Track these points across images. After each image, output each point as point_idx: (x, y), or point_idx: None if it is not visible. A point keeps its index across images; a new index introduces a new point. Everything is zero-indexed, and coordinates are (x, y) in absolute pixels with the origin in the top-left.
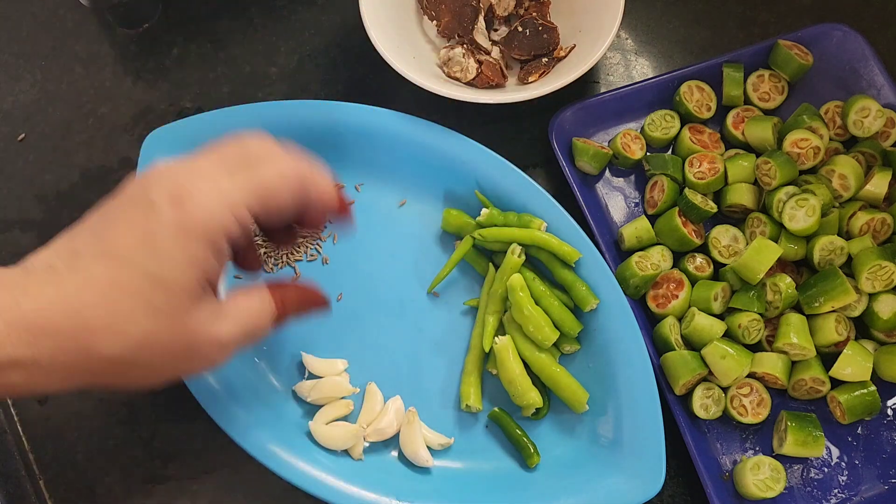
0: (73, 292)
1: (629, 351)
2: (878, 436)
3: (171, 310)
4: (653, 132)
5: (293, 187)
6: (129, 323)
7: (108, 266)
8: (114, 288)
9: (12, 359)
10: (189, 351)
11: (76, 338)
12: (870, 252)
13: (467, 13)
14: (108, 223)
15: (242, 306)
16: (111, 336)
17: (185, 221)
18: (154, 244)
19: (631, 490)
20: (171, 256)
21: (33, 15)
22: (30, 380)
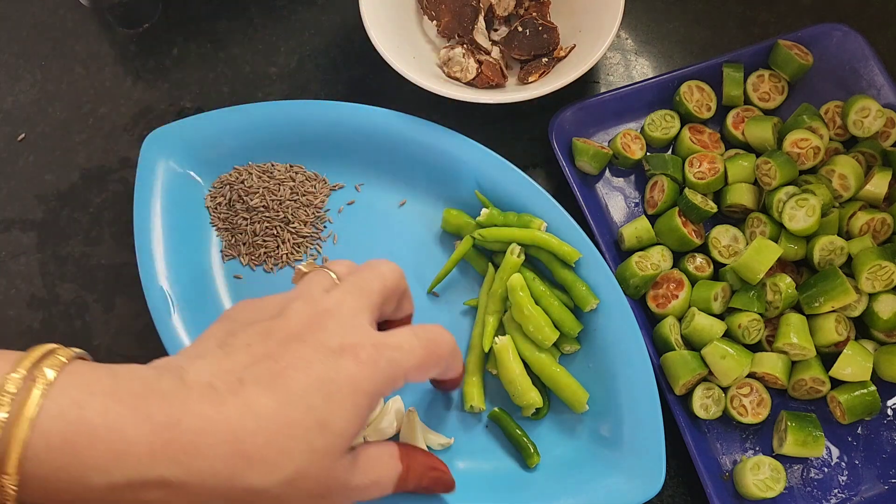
0: (235, 417)
1: (629, 351)
2: (878, 436)
3: (327, 455)
4: (653, 132)
5: (440, 369)
6: (286, 459)
7: (277, 401)
8: (278, 422)
9: (164, 478)
10: (325, 495)
11: (230, 465)
12: (870, 252)
13: (467, 13)
14: (278, 353)
15: (372, 456)
16: (265, 468)
17: (360, 380)
18: (330, 392)
19: (631, 490)
20: (343, 407)
21: (33, 15)
22: (171, 498)
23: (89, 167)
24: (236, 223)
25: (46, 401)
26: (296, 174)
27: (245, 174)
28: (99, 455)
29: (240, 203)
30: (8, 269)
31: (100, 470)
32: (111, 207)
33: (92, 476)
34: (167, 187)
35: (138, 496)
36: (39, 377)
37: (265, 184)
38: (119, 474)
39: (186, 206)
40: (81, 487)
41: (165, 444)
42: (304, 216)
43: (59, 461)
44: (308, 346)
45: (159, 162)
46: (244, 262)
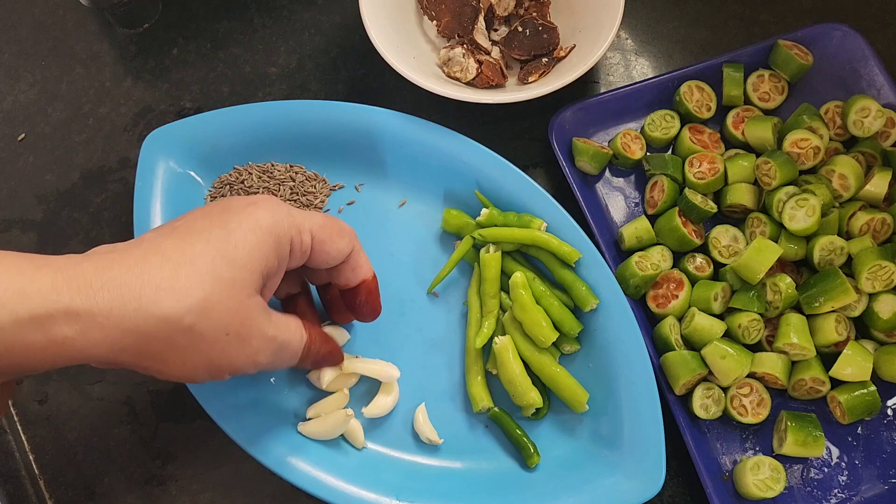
0: (139, 256)
1: (629, 351)
2: (878, 436)
3: (234, 285)
4: (653, 132)
5: (349, 242)
6: (193, 286)
7: (179, 239)
8: (183, 255)
9: (69, 308)
10: (242, 331)
11: (137, 293)
12: (870, 252)
13: (467, 13)
14: (179, 217)
15: (283, 318)
16: (173, 294)
17: (259, 219)
18: (228, 228)
19: (631, 490)
20: (244, 240)
21: (33, 15)
22: (84, 335)
23: (89, 167)
24: None
25: None
26: (296, 174)
27: (245, 174)
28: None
29: None
30: None
31: (2, 307)
32: (111, 207)
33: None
34: (167, 187)
35: (49, 334)
36: None
37: (265, 184)
38: (23, 309)
39: (186, 206)
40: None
41: (68, 279)
42: None
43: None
44: (208, 206)
45: (159, 162)
46: None
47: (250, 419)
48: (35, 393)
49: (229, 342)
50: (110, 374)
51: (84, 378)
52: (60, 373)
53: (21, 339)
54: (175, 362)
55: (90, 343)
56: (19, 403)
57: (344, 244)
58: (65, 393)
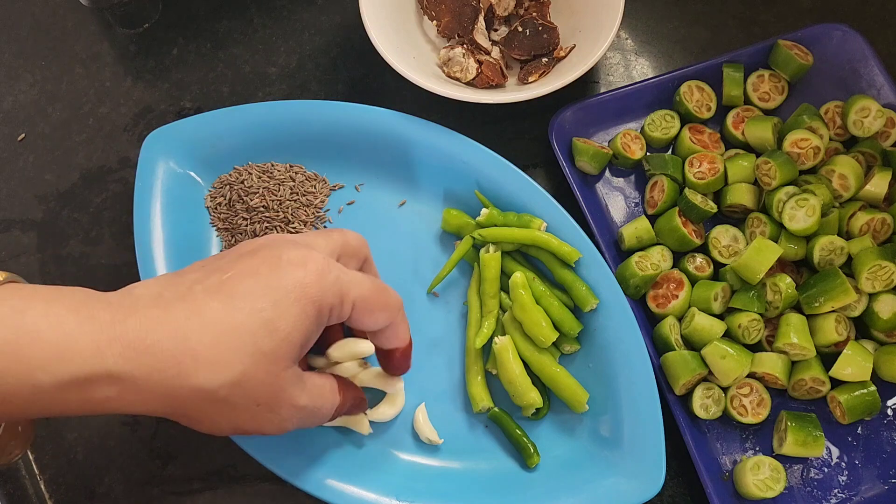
0: (182, 319)
1: (629, 351)
2: (878, 436)
3: (273, 359)
4: (653, 132)
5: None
6: (232, 360)
7: (224, 303)
8: (225, 323)
9: (112, 372)
10: (273, 403)
11: (178, 362)
12: (870, 252)
13: (467, 13)
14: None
15: (317, 384)
16: (212, 367)
17: (307, 286)
18: (276, 295)
19: (631, 490)
20: (289, 311)
21: (33, 15)
22: (121, 396)
23: (89, 167)
24: (236, 223)
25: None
26: (296, 174)
27: (245, 174)
28: (43, 354)
29: (240, 203)
30: (8, 269)
31: (45, 369)
32: (111, 207)
33: (38, 376)
34: (167, 187)
35: (88, 394)
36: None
37: (265, 184)
38: (65, 371)
39: (186, 206)
40: (29, 388)
41: (111, 340)
42: (304, 216)
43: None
44: (258, 258)
45: (159, 162)
46: None
47: None
48: None
49: (259, 411)
50: None
51: None
52: None
53: (60, 398)
54: (205, 423)
55: (126, 403)
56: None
57: (383, 319)
58: None
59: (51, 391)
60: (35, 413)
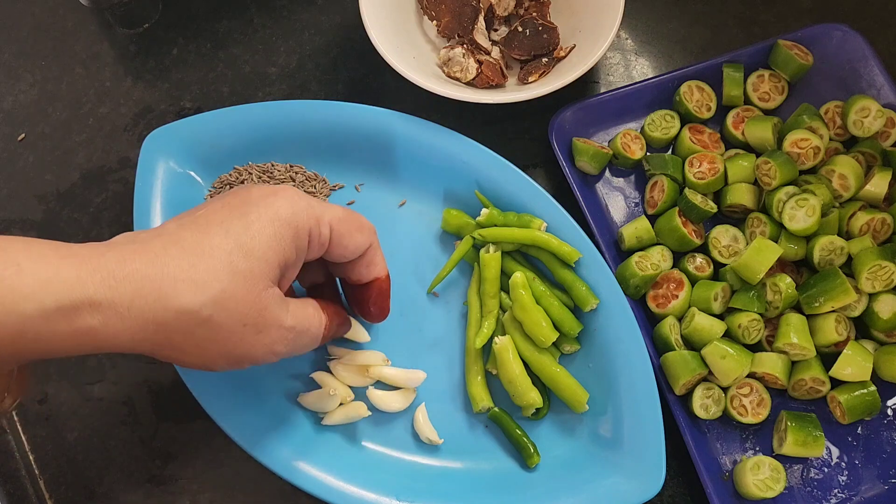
0: (159, 248)
1: (629, 351)
2: (878, 436)
3: (251, 277)
4: (653, 132)
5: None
6: (210, 278)
7: (198, 231)
8: (201, 247)
9: (93, 299)
10: (258, 322)
11: (157, 285)
12: (870, 252)
13: (467, 13)
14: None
15: (300, 304)
16: (191, 287)
17: (278, 209)
18: (247, 219)
19: (631, 490)
20: (261, 231)
21: (33, 15)
22: (106, 325)
23: (89, 167)
24: None
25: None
26: (296, 174)
27: (245, 174)
28: (27, 284)
29: None
30: None
31: (30, 298)
32: (111, 207)
33: (23, 305)
34: (167, 187)
35: (74, 323)
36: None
37: (265, 184)
38: (49, 299)
39: (186, 206)
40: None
41: (91, 271)
42: None
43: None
44: (229, 195)
45: (159, 162)
46: None
47: (250, 419)
48: (35, 393)
49: (246, 333)
50: (110, 373)
51: (84, 378)
52: (60, 373)
53: (47, 328)
54: (194, 352)
55: (112, 332)
56: (19, 403)
57: (362, 239)
58: (65, 393)
59: (37, 321)
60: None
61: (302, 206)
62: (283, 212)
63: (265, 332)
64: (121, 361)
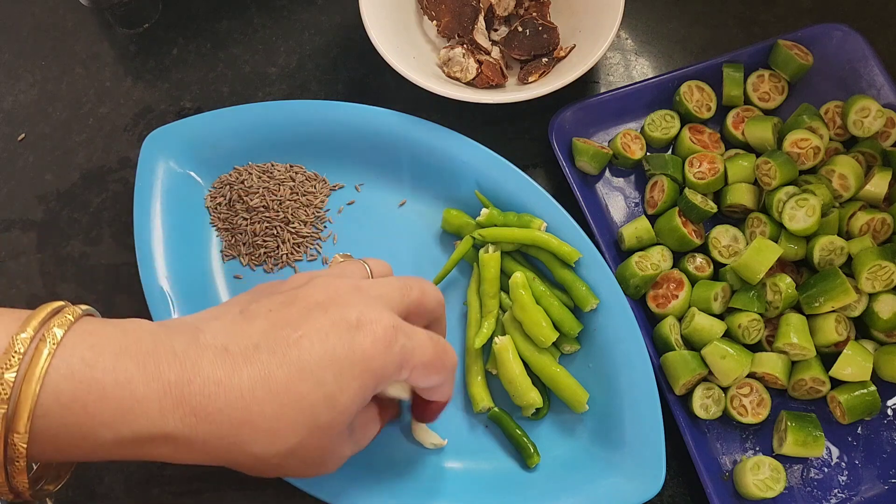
0: (246, 386)
1: (629, 351)
2: (878, 436)
3: (329, 429)
4: (653, 132)
5: (443, 378)
6: (291, 433)
7: (290, 373)
8: (289, 395)
9: (170, 434)
10: (320, 463)
11: (236, 431)
12: (870, 252)
13: (467, 13)
14: (297, 322)
15: (364, 428)
16: (269, 438)
17: (372, 357)
18: (341, 368)
19: (631, 490)
20: (351, 385)
21: (33, 15)
22: (175, 454)
23: (89, 167)
24: (236, 223)
25: (55, 360)
26: (296, 174)
27: (245, 174)
28: (108, 412)
29: (240, 203)
30: (8, 269)
31: (108, 426)
32: (111, 207)
33: (101, 431)
34: (167, 187)
35: (145, 450)
36: (48, 336)
37: (265, 184)
38: (127, 430)
39: (186, 206)
40: (90, 443)
41: (175, 404)
42: (304, 216)
43: (68, 419)
44: (327, 318)
45: (159, 162)
46: (244, 263)
47: None
48: None
49: (308, 469)
50: None
51: None
52: None
53: (115, 452)
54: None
55: (177, 458)
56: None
57: (437, 380)
58: None
59: (110, 446)
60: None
61: (395, 353)
62: (374, 363)
63: (325, 466)
64: None
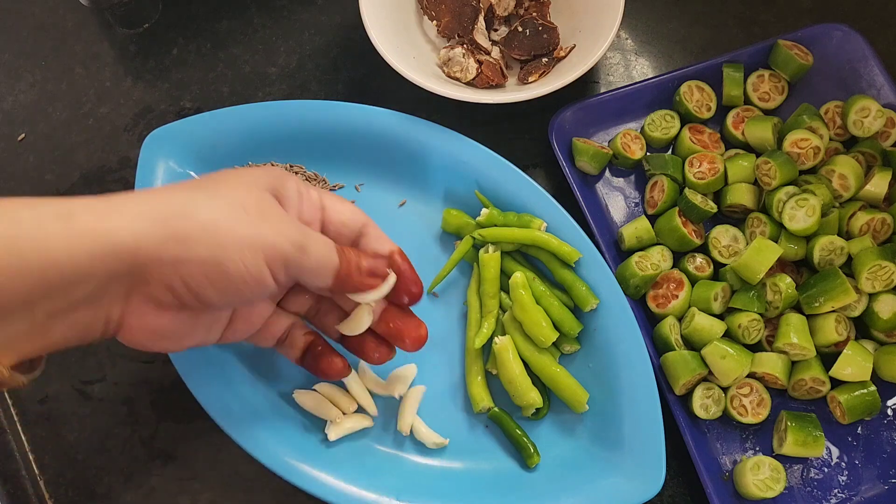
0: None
1: (629, 351)
2: (878, 436)
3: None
4: (653, 132)
5: (359, 213)
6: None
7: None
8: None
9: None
10: (260, 209)
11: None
12: (870, 252)
13: (467, 13)
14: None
15: (318, 238)
16: (211, 200)
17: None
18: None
19: (631, 490)
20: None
21: (33, 15)
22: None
23: (89, 167)
24: None
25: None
26: (296, 174)
27: None
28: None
29: None
30: None
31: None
32: None
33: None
34: None
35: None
36: None
37: None
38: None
39: None
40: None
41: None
42: None
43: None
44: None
45: (159, 162)
46: None
47: (251, 419)
48: (35, 393)
49: (250, 217)
50: (110, 373)
51: (84, 378)
52: (60, 373)
53: (41, 232)
54: (201, 238)
55: (111, 227)
56: (19, 403)
57: (357, 214)
58: (65, 393)
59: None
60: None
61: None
62: (274, 170)
63: (269, 221)
64: (121, 361)
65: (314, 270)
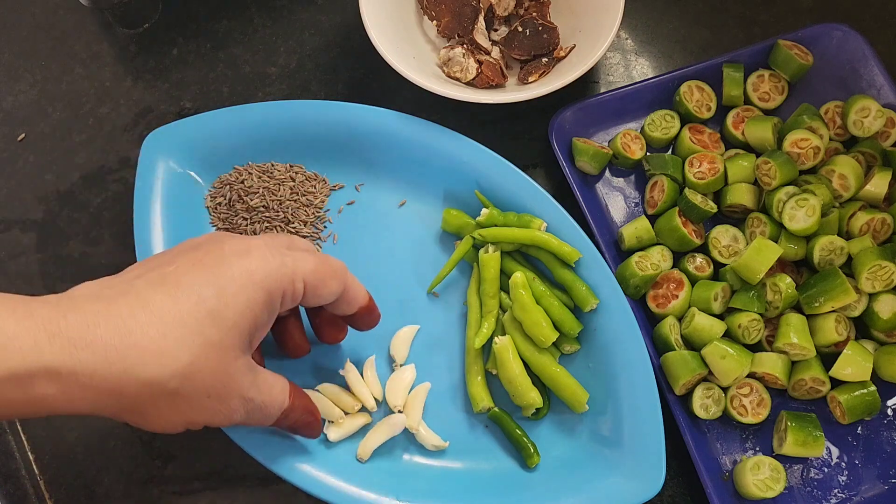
0: (125, 313)
1: (629, 351)
2: (878, 436)
3: (222, 348)
4: (653, 132)
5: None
6: (180, 351)
7: (168, 294)
8: (171, 315)
9: (50, 368)
10: (222, 393)
11: (123, 356)
12: (870, 252)
13: (467, 13)
14: (170, 260)
15: (268, 380)
16: (159, 359)
17: (252, 272)
18: (221, 284)
19: (631, 490)
20: (235, 299)
21: (33, 15)
22: (64, 393)
23: (89, 167)
24: (236, 223)
25: None
26: (296, 174)
27: (245, 174)
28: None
29: (240, 203)
30: (8, 269)
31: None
32: (111, 207)
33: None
34: (167, 187)
35: (28, 391)
36: None
37: (265, 184)
38: (2, 367)
39: (186, 206)
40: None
41: (50, 336)
42: (304, 216)
43: None
44: (201, 251)
45: (159, 162)
46: None
47: None
48: None
49: (210, 403)
50: None
51: None
52: None
53: (4, 396)
54: (154, 418)
55: (70, 400)
56: None
57: (336, 286)
58: None
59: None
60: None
61: (275, 266)
62: (257, 276)
63: (226, 402)
64: None
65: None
